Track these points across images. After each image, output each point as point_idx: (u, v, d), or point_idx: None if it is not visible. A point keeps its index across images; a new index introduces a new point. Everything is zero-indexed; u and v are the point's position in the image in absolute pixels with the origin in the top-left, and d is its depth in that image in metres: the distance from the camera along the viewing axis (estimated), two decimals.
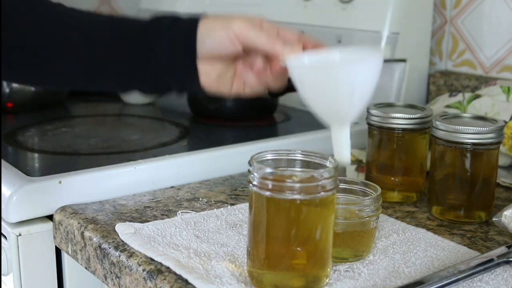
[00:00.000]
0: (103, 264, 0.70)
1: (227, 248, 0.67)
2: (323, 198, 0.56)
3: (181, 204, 0.81)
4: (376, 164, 0.85)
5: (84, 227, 0.73)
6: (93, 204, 0.80)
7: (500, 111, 0.95)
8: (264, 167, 0.57)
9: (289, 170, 0.60)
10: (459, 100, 1.00)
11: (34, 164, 0.96)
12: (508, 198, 0.86)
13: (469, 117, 0.81)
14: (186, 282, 0.59)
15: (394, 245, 0.69)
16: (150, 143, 1.03)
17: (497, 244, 0.71)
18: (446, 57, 1.26)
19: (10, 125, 1.16)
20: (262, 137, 1.02)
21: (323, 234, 0.57)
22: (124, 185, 0.84)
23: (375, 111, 0.84)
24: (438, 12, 1.25)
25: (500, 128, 0.76)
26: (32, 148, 1.04)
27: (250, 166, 0.57)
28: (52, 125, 1.16)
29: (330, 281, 0.61)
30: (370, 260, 0.65)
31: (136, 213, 0.77)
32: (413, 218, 0.79)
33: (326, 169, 0.56)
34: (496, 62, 1.18)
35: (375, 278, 0.62)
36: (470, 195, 0.77)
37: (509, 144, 0.93)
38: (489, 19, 1.18)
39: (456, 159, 0.77)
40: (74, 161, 0.95)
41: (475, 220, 0.78)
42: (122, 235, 0.70)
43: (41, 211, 0.80)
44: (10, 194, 0.78)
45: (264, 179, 0.56)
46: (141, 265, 0.64)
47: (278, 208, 0.56)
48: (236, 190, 0.87)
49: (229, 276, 0.60)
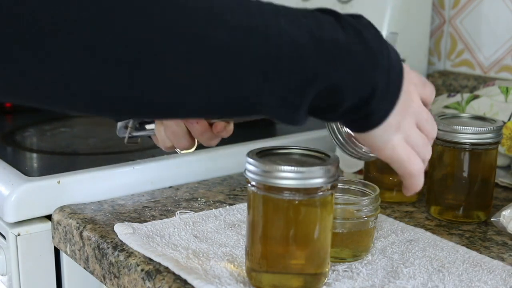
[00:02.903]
0: (102, 264, 0.70)
1: (225, 248, 0.67)
2: (322, 198, 0.56)
3: (180, 204, 0.81)
4: (375, 164, 0.85)
5: (83, 227, 0.73)
6: (91, 204, 0.80)
7: (498, 112, 0.95)
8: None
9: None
10: (458, 100, 1.00)
11: (33, 164, 0.96)
12: (506, 198, 0.86)
13: (468, 117, 0.81)
14: (185, 282, 0.59)
15: (393, 245, 0.69)
16: (148, 143, 1.03)
17: (496, 244, 0.71)
18: (444, 57, 1.27)
19: (9, 125, 1.16)
20: (260, 137, 1.02)
21: (321, 234, 0.57)
22: (122, 185, 0.84)
23: None
24: (436, 12, 1.25)
25: (499, 128, 0.76)
26: (31, 148, 1.03)
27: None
28: (50, 125, 1.16)
29: (329, 281, 0.61)
30: (368, 260, 0.65)
31: (134, 213, 0.77)
32: (412, 218, 0.79)
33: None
34: (495, 62, 1.18)
35: (374, 278, 0.62)
36: (468, 195, 0.78)
37: (507, 145, 0.93)
38: (487, 19, 1.18)
39: (454, 159, 0.77)
40: (72, 161, 0.95)
41: (474, 220, 0.78)
42: (120, 235, 0.70)
43: (40, 211, 0.80)
44: (8, 194, 0.78)
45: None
46: (139, 265, 0.64)
47: (276, 208, 0.56)
48: (234, 190, 0.87)
49: (227, 276, 0.60)
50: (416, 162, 0.59)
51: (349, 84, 0.50)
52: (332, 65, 0.49)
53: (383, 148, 0.57)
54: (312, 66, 0.48)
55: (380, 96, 0.52)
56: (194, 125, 0.70)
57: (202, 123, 0.70)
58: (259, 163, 0.55)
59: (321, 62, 0.48)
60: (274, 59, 0.47)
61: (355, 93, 0.51)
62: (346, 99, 0.51)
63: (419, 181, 0.60)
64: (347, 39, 0.50)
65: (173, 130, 0.72)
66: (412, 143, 0.58)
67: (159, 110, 0.47)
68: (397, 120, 0.55)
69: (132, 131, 0.78)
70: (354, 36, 0.51)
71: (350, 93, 0.50)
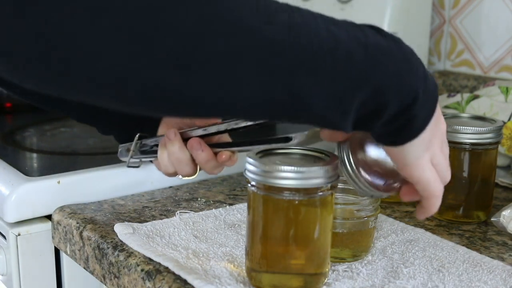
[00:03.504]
0: (102, 264, 0.70)
1: (225, 248, 0.67)
2: (322, 198, 0.56)
3: (180, 204, 0.81)
4: None
5: (83, 227, 0.73)
6: (91, 204, 0.80)
7: (498, 112, 0.95)
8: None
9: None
10: (458, 100, 1.00)
11: (33, 164, 0.96)
12: (506, 198, 0.86)
13: (468, 117, 0.81)
14: (185, 282, 0.59)
15: (393, 245, 0.69)
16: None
17: (496, 244, 0.71)
18: (444, 57, 1.27)
19: (9, 125, 1.16)
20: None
21: (321, 234, 0.57)
22: (122, 185, 0.84)
23: None
24: (436, 12, 1.25)
25: (499, 128, 0.76)
26: (31, 148, 1.04)
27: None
28: (50, 125, 1.16)
29: (329, 281, 0.61)
30: (368, 260, 0.65)
31: (134, 213, 0.77)
32: (412, 218, 0.79)
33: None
34: (495, 62, 1.18)
35: (374, 278, 0.62)
36: (468, 195, 0.77)
37: (507, 145, 0.93)
38: (487, 19, 1.18)
39: (454, 159, 0.77)
40: (72, 161, 0.95)
41: (474, 220, 0.78)
42: (120, 235, 0.70)
43: (40, 211, 0.80)
44: (8, 194, 0.78)
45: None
46: (139, 265, 0.64)
47: (276, 208, 0.56)
48: (234, 190, 0.87)
49: (227, 276, 0.60)
50: (439, 183, 0.59)
51: (393, 88, 0.50)
52: (378, 69, 0.49)
53: (414, 165, 0.56)
54: (360, 69, 0.48)
55: (420, 102, 0.52)
56: (199, 152, 0.70)
57: (208, 151, 0.70)
58: (259, 163, 0.55)
59: (369, 66, 0.49)
60: (324, 59, 0.47)
61: (399, 96, 0.51)
62: (390, 104, 0.51)
63: (439, 203, 0.60)
64: (388, 45, 0.51)
65: (177, 157, 0.71)
66: (436, 164, 0.58)
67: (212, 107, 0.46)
68: (429, 137, 0.56)
69: (134, 154, 0.78)
70: (393, 44, 0.52)
71: (393, 97, 0.51)
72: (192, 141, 0.70)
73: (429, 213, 0.61)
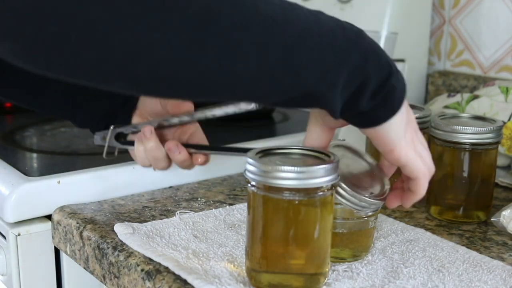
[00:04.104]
0: (102, 264, 0.70)
1: (225, 248, 0.67)
2: (322, 198, 0.56)
3: (180, 204, 0.81)
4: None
5: (83, 227, 0.73)
6: (91, 204, 0.80)
7: (498, 112, 0.95)
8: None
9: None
10: (458, 100, 1.00)
11: (33, 164, 0.96)
12: (506, 198, 0.86)
13: (468, 117, 0.81)
14: (185, 282, 0.59)
15: (393, 245, 0.69)
16: None
17: (496, 244, 0.71)
18: (444, 57, 1.27)
19: (9, 125, 1.16)
20: (260, 137, 1.02)
21: (321, 234, 0.57)
22: (122, 185, 0.84)
23: None
24: (436, 12, 1.25)
25: (499, 128, 0.76)
26: (31, 148, 1.03)
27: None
28: (50, 125, 1.16)
29: (329, 281, 0.61)
30: (368, 260, 0.65)
31: (134, 213, 0.77)
32: (412, 218, 0.79)
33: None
34: (495, 62, 1.18)
35: (374, 278, 0.62)
36: (468, 195, 0.78)
37: (507, 145, 0.93)
38: (487, 19, 1.18)
39: (454, 159, 0.77)
40: (72, 161, 0.95)
41: (474, 220, 0.78)
42: (120, 235, 0.70)
43: (40, 211, 0.80)
44: (8, 194, 0.78)
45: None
46: (139, 265, 0.64)
47: (276, 208, 0.56)
48: (234, 190, 0.87)
49: (227, 276, 0.60)
50: (425, 163, 0.61)
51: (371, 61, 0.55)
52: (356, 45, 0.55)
53: (398, 147, 0.59)
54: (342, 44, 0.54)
55: (395, 75, 0.57)
56: (176, 154, 0.73)
57: (184, 153, 0.74)
58: (259, 163, 0.55)
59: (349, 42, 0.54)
60: (311, 34, 0.52)
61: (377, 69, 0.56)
62: (371, 78, 0.55)
63: (426, 183, 0.62)
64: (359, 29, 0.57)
65: (153, 154, 0.74)
66: (420, 153, 0.61)
67: (218, 82, 0.50)
68: (406, 116, 0.60)
69: (110, 144, 0.79)
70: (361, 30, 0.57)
71: (373, 69, 0.55)
72: (170, 144, 0.74)
73: (418, 196, 0.63)
